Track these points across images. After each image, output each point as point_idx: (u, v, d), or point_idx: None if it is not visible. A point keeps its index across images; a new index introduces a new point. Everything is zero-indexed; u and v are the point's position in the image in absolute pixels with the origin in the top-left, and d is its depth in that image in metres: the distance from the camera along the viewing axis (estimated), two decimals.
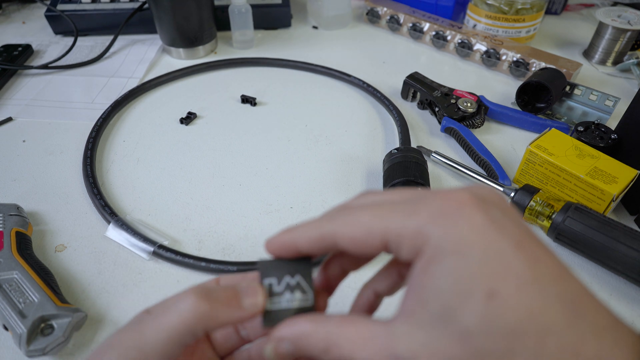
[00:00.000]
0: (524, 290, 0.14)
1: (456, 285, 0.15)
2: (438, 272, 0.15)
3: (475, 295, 0.14)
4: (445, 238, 0.15)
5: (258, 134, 0.49)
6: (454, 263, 0.15)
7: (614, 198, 0.36)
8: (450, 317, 0.15)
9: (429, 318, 0.15)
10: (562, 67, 0.55)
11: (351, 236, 0.17)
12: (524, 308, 0.14)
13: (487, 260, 0.15)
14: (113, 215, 0.37)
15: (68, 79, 0.58)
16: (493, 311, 0.14)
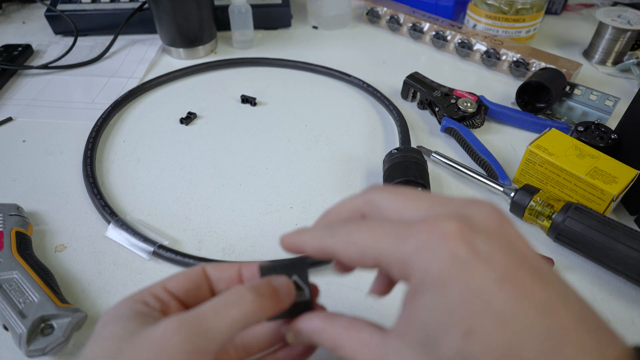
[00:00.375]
0: (501, 330, 0.14)
1: (436, 319, 0.15)
2: (421, 304, 0.16)
3: (452, 332, 0.15)
4: (428, 272, 0.16)
5: (258, 134, 0.49)
6: (434, 298, 0.15)
7: (614, 198, 0.36)
8: (432, 347, 0.15)
9: (414, 342, 0.16)
10: (562, 67, 0.55)
11: (348, 256, 0.19)
12: (499, 348, 0.14)
13: (466, 297, 0.15)
14: (113, 215, 0.37)
15: (68, 79, 0.58)
16: (469, 349, 0.14)
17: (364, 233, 0.18)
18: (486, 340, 0.14)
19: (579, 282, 0.35)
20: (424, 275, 0.16)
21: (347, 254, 0.19)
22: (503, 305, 0.14)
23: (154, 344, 0.18)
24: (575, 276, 0.35)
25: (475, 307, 0.15)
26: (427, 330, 0.16)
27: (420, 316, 0.16)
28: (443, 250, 0.16)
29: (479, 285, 0.15)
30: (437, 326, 0.15)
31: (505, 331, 0.14)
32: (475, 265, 0.15)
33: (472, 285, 0.15)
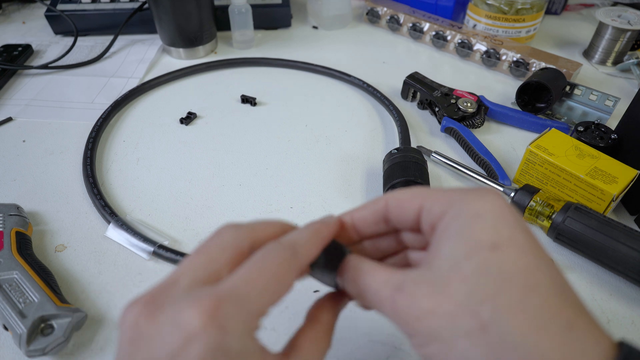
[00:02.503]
0: (521, 254, 0.17)
1: (469, 235, 0.17)
2: (456, 226, 0.18)
3: (482, 245, 0.17)
4: (469, 205, 0.18)
5: (258, 134, 0.49)
6: (471, 220, 0.18)
7: (614, 198, 0.36)
8: (457, 261, 0.17)
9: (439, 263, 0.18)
10: (562, 67, 0.55)
11: (399, 198, 0.21)
12: (519, 265, 0.17)
13: (497, 224, 0.18)
14: (113, 216, 0.37)
15: (68, 79, 0.58)
16: (492, 259, 0.17)
17: (413, 188, 0.21)
18: (509, 257, 0.17)
19: (579, 282, 0.35)
20: (466, 207, 0.18)
21: (399, 198, 0.21)
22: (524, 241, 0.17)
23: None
24: (575, 276, 0.35)
25: (504, 233, 0.17)
26: (457, 246, 0.17)
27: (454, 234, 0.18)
28: (485, 195, 0.19)
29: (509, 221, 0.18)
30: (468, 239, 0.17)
31: (525, 257, 0.17)
32: (508, 210, 0.18)
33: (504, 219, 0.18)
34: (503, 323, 0.16)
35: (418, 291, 0.17)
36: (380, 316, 0.32)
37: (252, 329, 0.17)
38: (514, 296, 0.16)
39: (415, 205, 0.20)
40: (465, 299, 0.16)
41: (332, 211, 0.40)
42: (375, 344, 0.30)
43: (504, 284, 0.16)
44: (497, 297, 0.16)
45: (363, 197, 0.41)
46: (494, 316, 0.16)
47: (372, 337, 0.30)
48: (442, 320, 0.16)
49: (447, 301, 0.16)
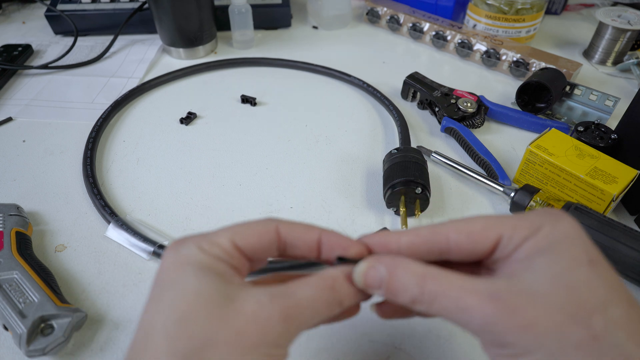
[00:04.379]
0: (614, 272, 0.18)
1: (566, 254, 0.18)
2: (549, 247, 0.18)
3: (581, 261, 0.17)
4: (556, 227, 0.18)
5: (258, 134, 0.49)
6: (565, 242, 0.18)
7: (614, 198, 0.36)
8: (556, 275, 0.17)
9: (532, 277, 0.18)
10: (562, 67, 0.55)
11: (468, 230, 0.19)
12: (617, 279, 0.17)
13: (588, 245, 0.18)
14: (113, 216, 0.37)
15: (68, 79, 0.58)
16: (595, 272, 0.17)
17: (477, 218, 0.20)
18: (607, 271, 0.17)
19: None
20: (553, 229, 0.18)
21: (466, 231, 0.19)
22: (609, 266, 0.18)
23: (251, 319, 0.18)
24: None
25: (595, 253, 0.18)
26: (552, 264, 0.17)
27: (548, 256, 0.18)
28: (565, 217, 0.19)
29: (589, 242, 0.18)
30: (566, 258, 0.18)
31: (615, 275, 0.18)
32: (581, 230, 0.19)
33: (589, 241, 0.18)
34: (616, 334, 0.16)
35: (519, 301, 0.17)
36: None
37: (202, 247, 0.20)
38: (622, 308, 0.16)
39: (493, 236, 0.19)
40: (575, 309, 0.16)
41: (332, 211, 0.40)
42: (376, 343, 0.30)
43: (611, 296, 0.16)
44: (607, 309, 0.16)
45: (363, 197, 0.41)
46: (606, 327, 0.16)
47: (372, 337, 0.30)
48: (550, 331, 0.16)
49: (556, 312, 0.16)
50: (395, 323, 0.31)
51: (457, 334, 0.31)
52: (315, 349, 0.30)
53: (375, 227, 0.38)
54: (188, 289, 0.18)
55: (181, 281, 0.18)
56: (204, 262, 0.19)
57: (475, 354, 0.30)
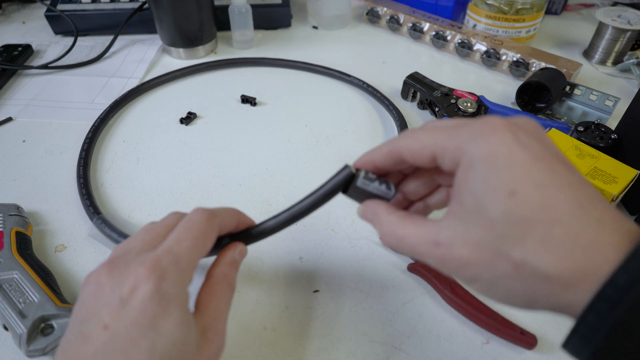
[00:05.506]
0: (539, 191, 0.18)
1: (486, 186, 0.19)
2: (472, 177, 0.19)
3: (499, 194, 0.18)
4: (479, 151, 0.19)
5: (258, 134, 0.49)
6: (484, 168, 0.19)
7: (614, 198, 0.36)
8: (481, 211, 0.19)
9: (465, 214, 0.20)
10: (562, 67, 0.55)
11: (409, 148, 0.22)
12: (538, 204, 0.18)
13: (511, 166, 0.18)
14: (95, 214, 0.37)
15: (68, 79, 0.58)
16: (513, 205, 0.18)
17: (425, 132, 0.22)
18: (527, 199, 0.18)
19: None
20: (475, 154, 0.19)
21: (409, 147, 0.22)
22: (539, 175, 0.18)
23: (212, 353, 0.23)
24: None
25: (518, 174, 0.18)
26: (477, 198, 0.19)
27: (472, 186, 0.19)
28: (492, 135, 0.19)
29: (520, 160, 0.18)
30: (486, 191, 0.19)
31: (542, 192, 0.18)
32: (518, 147, 0.19)
33: (515, 159, 0.18)
34: (533, 261, 0.18)
35: (454, 245, 0.20)
36: (380, 316, 0.32)
37: (185, 278, 0.22)
38: (538, 235, 0.18)
39: (427, 154, 0.22)
40: (498, 247, 0.18)
41: (332, 211, 0.40)
42: (375, 344, 0.30)
43: (528, 227, 0.18)
44: (524, 239, 0.18)
45: None
46: (524, 257, 0.18)
47: (372, 337, 0.30)
48: (480, 268, 0.19)
49: (482, 252, 0.19)
50: (395, 323, 0.31)
51: (457, 334, 0.31)
52: (315, 349, 0.30)
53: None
54: (172, 338, 0.20)
55: (166, 328, 0.20)
56: (184, 300, 0.22)
57: (475, 354, 0.30)
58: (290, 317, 0.32)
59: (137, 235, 0.25)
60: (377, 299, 0.33)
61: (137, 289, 0.21)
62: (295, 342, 0.30)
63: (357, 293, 0.33)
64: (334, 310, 0.32)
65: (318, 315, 0.32)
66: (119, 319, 0.20)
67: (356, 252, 0.36)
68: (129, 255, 0.23)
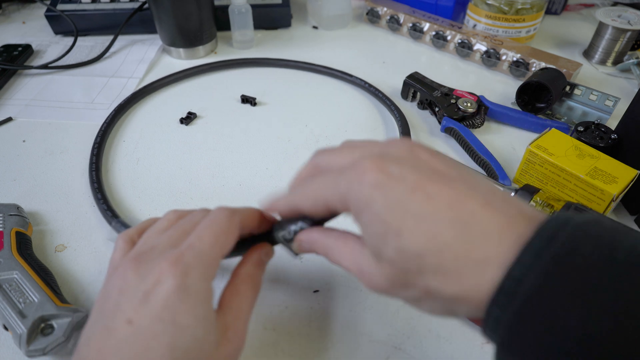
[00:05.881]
0: (421, 224, 0.19)
1: (375, 231, 0.20)
2: (362, 225, 0.21)
3: (389, 236, 0.19)
4: (358, 200, 0.20)
5: (258, 134, 0.49)
6: (369, 218, 0.20)
7: (613, 198, 0.36)
8: (380, 253, 0.20)
9: (372, 252, 0.21)
10: (562, 67, 0.55)
11: (307, 206, 0.24)
12: (423, 236, 0.19)
13: (389, 209, 0.19)
14: (114, 218, 0.37)
15: (68, 79, 0.58)
16: (403, 244, 0.19)
17: (313, 186, 0.23)
18: (412, 234, 0.19)
19: None
20: (356, 204, 0.20)
21: (306, 204, 0.24)
22: (417, 207, 0.19)
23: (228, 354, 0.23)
24: None
25: (397, 214, 0.19)
26: (373, 243, 0.21)
27: (365, 233, 0.21)
28: (364, 182, 0.20)
29: (396, 197, 0.19)
30: (376, 236, 0.20)
31: (423, 225, 0.19)
32: (390, 185, 0.20)
33: (391, 199, 0.19)
34: (436, 288, 0.19)
35: (373, 275, 0.21)
36: (380, 316, 0.32)
37: (208, 275, 0.23)
38: (432, 264, 0.19)
39: (321, 208, 0.23)
40: (404, 280, 0.20)
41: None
42: (375, 343, 0.30)
43: (421, 260, 0.19)
44: (422, 271, 0.19)
45: None
46: (427, 285, 0.19)
47: (371, 337, 0.30)
48: (399, 294, 0.21)
49: (395, 283, 0.20)
50: (395, 323, 0.31)
51: (457, 334, 0.31)
52: (315, 349, 0.30)
53: None
54: (195, 335, 0.21)
55: (189, 325, 0.21)
56: (208, 297, 0.22)
57: (475, 354, 0.30)
58: (291, 316, 0.32)
59: (160, 227, 0.26)
60: (377, 299, 0.33)
61: (161, 283, 0.21)
62: (295, 342, 0.30)
63: (357, 293, 0.33)
64: (334, 310, 0.32)
65: (318, 315, 0.32)
66: (142, 313, 0.20)
67: None
68: (154, 252, 0.23)
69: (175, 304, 0.21)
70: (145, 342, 0.20)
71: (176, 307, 0.21)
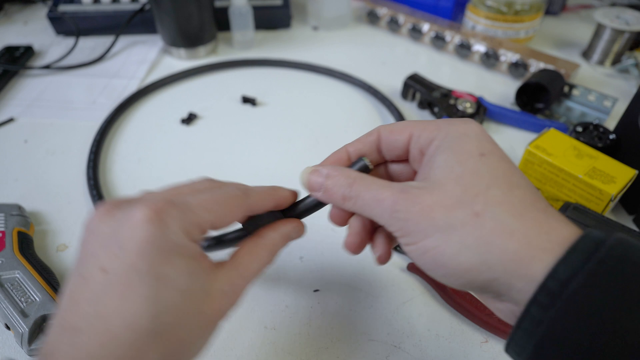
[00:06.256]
0: (502, 162, 0.20)
1: (459, 149, 0.20)
2: (447, 144, 0.21)
3: (471, 154, 0.20)
4: (455, 129, 0.21)
5: (258, 134, 0.50)
6: (459, 138, 0.21)
7: (612, 198, 0.36)
8: (451, 167, 0.20)
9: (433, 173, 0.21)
10: (560, 67, 0.55)
11: (390, 128, 0.24)
12: (502, 169, 0.20)
13: (480, 139, 0.21)
14: None
15: (69, 79, 0.58)
16: (481, 163, 0.20)
17: (402, 122, 0.24)
18: (493, 161, 0.20)
19: None
20: (452, 131, 0.21)
21: (391, 129, 0.24)
22: (503, 152, 0.21)
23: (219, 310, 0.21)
24: None
25: (487, 146, 0.21)
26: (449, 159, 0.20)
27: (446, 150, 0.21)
28: (465, 121, 0.22)
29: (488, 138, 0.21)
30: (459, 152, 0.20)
31: (505, 163, 0.20)
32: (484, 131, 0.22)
33: (484, 137, 0.21)
34: (494, 210, 0.19)
35: (420, 192, 0.20)
36: (380, 315, 0.32)
37: (190, 232, 0.20)
38: (501, 191, 0.19)
39: (406, 133, 0.23)
40: (461, 194, 0.19)
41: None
42: (375, 342, 0.30)
43: (493, 182, 0.19)
44: (488, 192, 0.19)
45: None
46: (486, 205, 0.19)
47: (371, 336, 0.31)
48: (441, 213, 0.19)
49: (446, 197, 0.19)
50: (394, 322, 0.31)
51: (456, 333, 0.31)
52: (315, 348, 0.30)
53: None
54: (177, 286, 0.19)
55: (168, 276, 0.19)
56: (190, 252, 0.20)
57: (474, 353, 0.30)
58: (291, 316, 0.32)
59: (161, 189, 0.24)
60: (377, 298, 0.33)
61: (137, 230, 0.19)
62: (295, 341, 0.30)
63: (357, 292, 0.33)
64: (334, 309, 0.32)
65: (318, 315, 0.32)
66: (116, 262, 0.19)
67: None
68: (135, 200, 0.21)
69: (153, 254, 0.19)
70: (121, 292, 0.18)
71: (153, 257, 0.19)
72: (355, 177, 0.22)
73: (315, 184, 0.24)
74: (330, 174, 0.23)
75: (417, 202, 0.20)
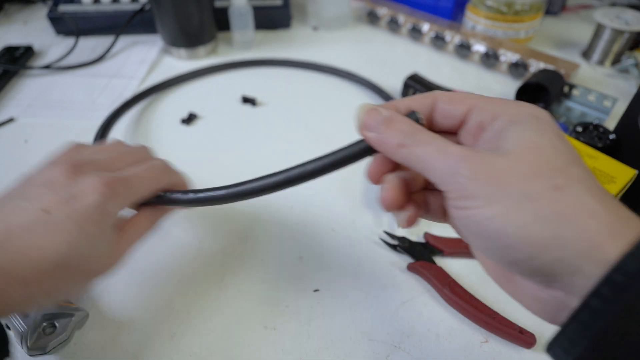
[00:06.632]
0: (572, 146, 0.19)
1: (536, 128, 0.19)
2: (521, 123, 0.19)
3: (548, 135, 0.19)
4: (525, 111, 0.20)
5: (259, 134, 0.50)
6: (534, 120, 0.19)
7: None
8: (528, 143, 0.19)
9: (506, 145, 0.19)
10: (560, 67, 0.55)
11: (450, 95, 0.22)
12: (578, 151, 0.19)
13: (553, 126, 0.19)
14: None
15: (70, 79, 0.58)
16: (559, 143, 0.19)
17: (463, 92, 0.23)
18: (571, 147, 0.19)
19: None
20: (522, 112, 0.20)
21: (450, 96, 0.22)
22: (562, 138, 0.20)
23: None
24: None
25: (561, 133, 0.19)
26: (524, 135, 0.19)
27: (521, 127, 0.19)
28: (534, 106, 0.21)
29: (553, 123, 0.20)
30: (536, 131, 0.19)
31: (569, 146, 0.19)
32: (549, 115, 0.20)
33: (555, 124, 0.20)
34: (576, 187, 0.17)
35: (493, 156, 0.18)
36: (380, 315, 0.32)
37: (123, 206, 0.27)
38: (582, 170, 0.18)
39: (467, 104, 0.21)
40: (542, 166, 0.18)
41: (332, 211, 0.40)
42: (375, 342, 0.30)
43: (573, 161, 0.18)
44: (569, 168, 0.18)
45: (363, 197, 0.42)
46: (568, 181, 0.17)
47: (371, 336, 0.31)
48: (516, 180, 0.18)
49: (524, 166, 0.18)
50: (394, 322, 0.31)
51: (456, 333, 0.31)
52: (314, 348, 0.30)
53: (375, 227, 0.39)
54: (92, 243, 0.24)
55: (91, 234, 0.24)
56: (114, 221, 0.26)
57: (474, 353, 0.30)
58: (291, 316, 0.32)
59: (105, 149, 0.30)
60: (377, 298, 0.33)
61: (88, 194, 0.24)
62: (295, 341, 0.30)
63: (357, 292, 0.33)
64: (334, 309, 0.32)
65: (318, 315, 0.32)
66: (62, 209, 0.23)
67: (356, 252, 0.36)
68: (91, 166, 0.26)
69: (91, 216, 0.24)
70: (52, 231, 0.23)
71: (90, 218, 0.24)
72: (418, 127, 0.21)
73: (374, 119, 0.23)
74: (392, 117, 0.22)
75: (490, 165, 0.18)
